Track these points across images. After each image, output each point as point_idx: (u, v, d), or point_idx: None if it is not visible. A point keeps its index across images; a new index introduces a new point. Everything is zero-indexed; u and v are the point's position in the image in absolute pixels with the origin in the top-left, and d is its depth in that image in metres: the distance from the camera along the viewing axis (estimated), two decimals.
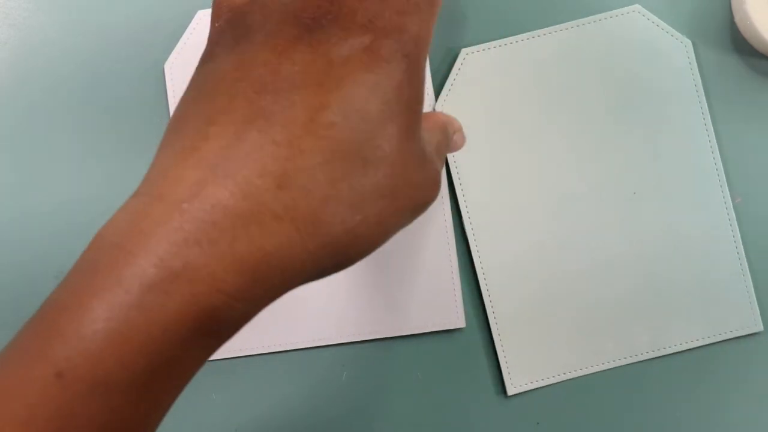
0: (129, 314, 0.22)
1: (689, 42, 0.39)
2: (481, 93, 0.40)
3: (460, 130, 0.35)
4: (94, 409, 0.22)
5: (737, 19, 0.39)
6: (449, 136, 0.32)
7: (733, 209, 0.39)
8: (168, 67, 0.41)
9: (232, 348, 0.40)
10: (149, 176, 0.24)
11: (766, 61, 0.40)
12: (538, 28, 0.40)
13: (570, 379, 0.40)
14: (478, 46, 0.40)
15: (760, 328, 0.40)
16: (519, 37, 0.39)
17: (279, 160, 0.23)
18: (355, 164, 0.24)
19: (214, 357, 0.26)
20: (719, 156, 0.39)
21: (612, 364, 0.40)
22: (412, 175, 0.26)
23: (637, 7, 0.39)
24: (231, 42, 0.25)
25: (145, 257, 0.22)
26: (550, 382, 0.40)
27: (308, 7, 0.25)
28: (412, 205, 0.27)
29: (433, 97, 0.40)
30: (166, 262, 0.22)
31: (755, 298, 0.39)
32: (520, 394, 0.40)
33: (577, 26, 0.39)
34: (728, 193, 0.39)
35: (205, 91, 0.25)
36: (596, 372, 0.40)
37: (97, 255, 0.23)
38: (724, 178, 0.39)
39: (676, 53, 0.39)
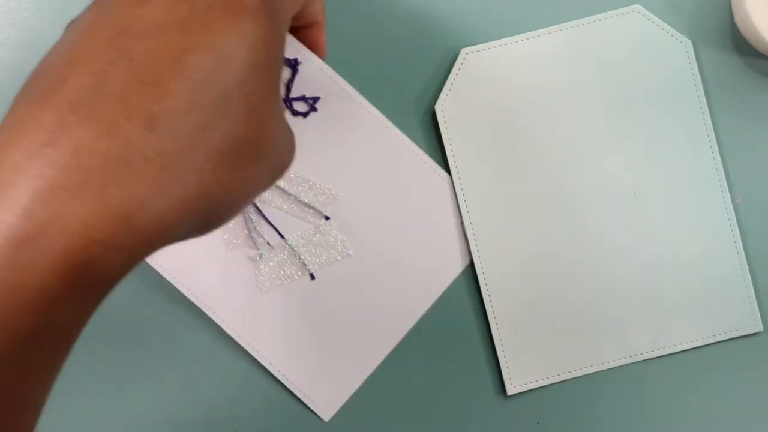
0: (2, 275, 0.20)
1: (689, 42, 0.39)
2: (481, 93, 0.40)
3: None
4: None
5: (737, 19, 0.39)
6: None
7: (733, 209, 0.39)
8: None
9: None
10: (5, 118, 0.23)
11: (766, 61, 0.40)
12: (538, 28, 0.40)
13: (570, 379, 0.40)
14: (478, 46, 0.40)
15: (760, 328, 0.39)
16: (519, 37, 0.39)
17: (146, 101, 0.22)
18: (225, 112, 0.23)
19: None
20: (719, 156, 0.39)
21: (612, 364, 0.40)
22: (276, 133, 0.25)
23: (637, 7, 0.39)
24: (90, 5, 0.25)
25: (7, 207, 0.21)
26: (550, 382, 0.40)
27: None
28: (274, 166, 0.26)
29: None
30: (33, 213, 0.21)
31: (755, 299, 0.39)
32: (519, 394, 0.40)
33: (577, 26, 0.39)
34: (728, 193, 0.39)
35: (62, 41, 0.24)
36: (596, 372, 0.40)
37: None
38: (725, 179, 0.39)
39: (676, 53, 0.39)
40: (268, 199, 0.39)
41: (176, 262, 0.40)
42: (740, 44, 0.40)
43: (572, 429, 0.40)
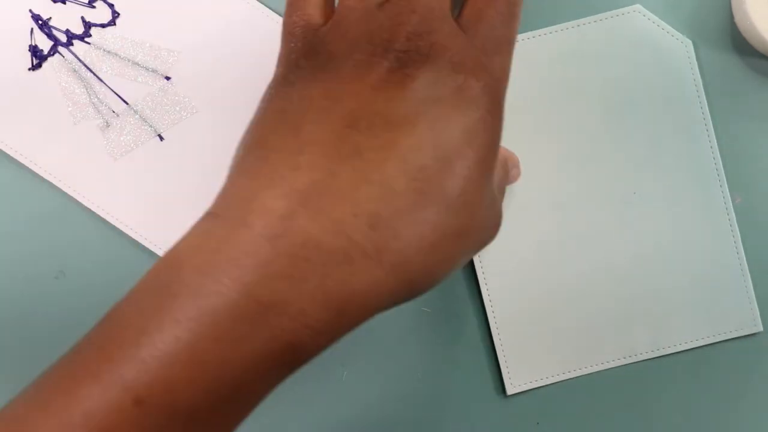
0: (216, 345, 0.21)
1: (689, 42, 0.39)
2: None
3: (517, 164, 0.35)
4: None
5: (737, 19, 0.39)
6: (508, 171, 0.32)
7: (733, 209, 0.39)
8: None
9: None
10: (226, 199, 0.24)
11: (766, 61, 0.40)
12: (538, 28, 0.40)
13: (570, 379, 0.40)
14: None
15: (760, 328, 0.39)
16: (519, 36, 0.39)
17: (372, 200, 0.23)
18: (441, 207, 0.24)
19: None
20: (719, 156, 0.39)
21: (612, 364, 0.40)
22: (484, 216, 0.26)
23: (638, 7, 0.39)
24: (312, 68, 0.25)
25: (233, 287, 0.22)
26: (550, 382, 0.40)
27: (398, 39, 0.24)
28: (479, 245, 0.27)
29: None
30: (255, 295, 0.22)
31: (755, 299, 0.39)
32: (520, 393, 0.40)
33: (577, 26, 0.39)
34: (728, 193, 0.39)
35: (289, 118, 0.24)
36: (596, 372, 0.40)
37: (173, 277, 0.22)
38: (724, 178, 0.39)
39: (676, 53, 0.39)
40: (107, 68, 0.40)
41: (25, 141, 0.40)
42: (740, 44, 0.40)
43: (572, 429, 0.40)
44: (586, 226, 0.40)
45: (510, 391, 0.40)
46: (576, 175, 0.40)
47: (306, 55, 0.25)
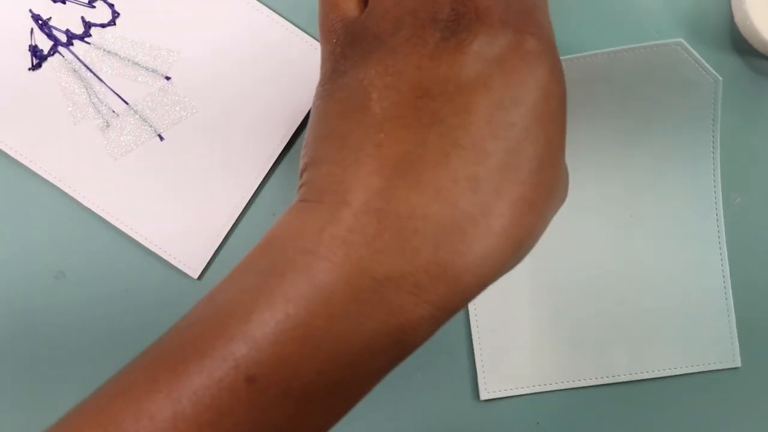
0: (329, 323, 0.21)
1: (720, 80, 0.38)
2: None
3: None
4: (283, 417, 0.21)
5: (737, 19, 0.39)
6: None
7: (725, 244, 0.39)
8: None
9: None
10: (313, 187, 0.23)
11: (766, 61, 0.40)
12: (575, 53, 0.38)
13: (546, 392, 0.39)
14: None
15: (738, 364, 0.39)
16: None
17: (468, 164, 0.22)
18: (533, 164, 0.23)
19: None
20: (720, 192, 0.39)
21: (588, 383, 0.39)
22: (564, 173, 0.26)
23: (680, 41, 0.37)
24: (361, 53, 0.24)
25: (343, 264, 0.21)
26: (525, 392, 0.39)
27: (442, 10, 0.24)
28: (559, 204, 0.26)
29: None
30: (368, 270, 0.21)
31: (736, 334, 0.39)
32: (507, 401, 0.40)
33: (613, 53, 0.37)
34: (723, 226, 0.39)
35: (353, 103, 0.24)
36: (573, 388, 0.39)
37: (277, 258, 0.22)
38: (722, 214, 0.39)
39: (703, 89, 0.38)
40: (107, 68, 0.40)
41: (25, 141, 0.40)
42: (740, 44, 0.40)
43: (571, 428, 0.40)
44: (579, 242, 0.39)
45: (483, 396, 0.39)
46: (575, 192, 0.39)
47: (351, 44, 0.25)
